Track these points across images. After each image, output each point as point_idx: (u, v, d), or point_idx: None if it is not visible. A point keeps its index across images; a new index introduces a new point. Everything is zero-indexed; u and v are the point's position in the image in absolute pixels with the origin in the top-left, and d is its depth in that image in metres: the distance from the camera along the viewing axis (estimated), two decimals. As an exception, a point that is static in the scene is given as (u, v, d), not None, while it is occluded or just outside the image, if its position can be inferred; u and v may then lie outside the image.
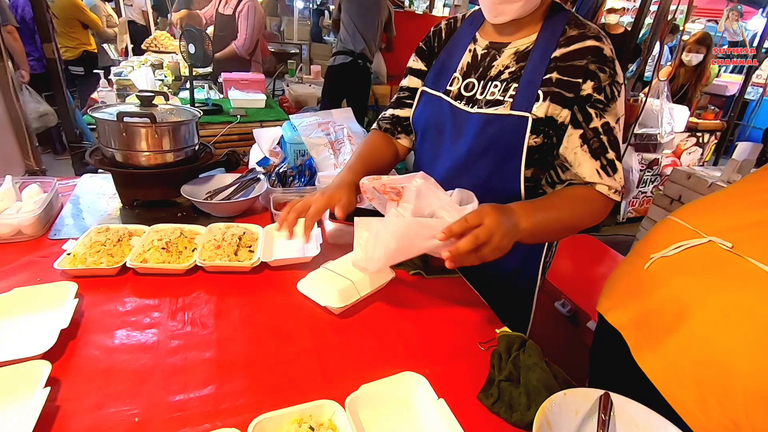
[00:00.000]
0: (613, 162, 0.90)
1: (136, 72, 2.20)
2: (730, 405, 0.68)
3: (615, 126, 0.90)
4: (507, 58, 0.97)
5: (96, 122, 1.17)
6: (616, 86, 0.89)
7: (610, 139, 0.89)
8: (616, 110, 0.90)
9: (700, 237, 0.83)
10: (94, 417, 0.63)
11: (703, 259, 0.81)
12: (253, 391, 0.70)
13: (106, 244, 0.98)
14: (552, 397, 0.64)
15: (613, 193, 0.91)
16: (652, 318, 0.83)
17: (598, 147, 0.89)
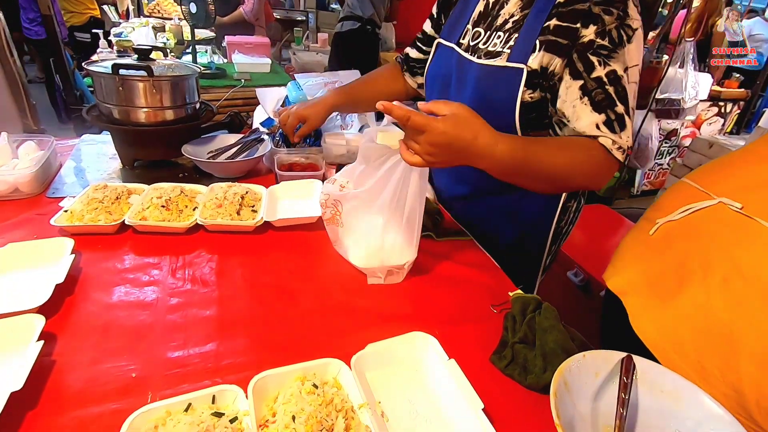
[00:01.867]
0: (622, 117, 0.78)
1: (137, 32, 2.13)
2: (731, 373, 0.65)
3: (624, 75, 0.78)
4: (513, 6, 0.90)
5: (92, 76, 1.12)
6: (626, 29, 0.78)
7: (617, 90, 0.77)
8: (626, 57, 0.78)
9: (709, 198, 0.78)
10: (90, 371, 0.61)
11: (711, 221, 0.76)
12: (256, 349, 0.67)
13: (104, 201, 0.94)
14: (571, 359, 0.60)
15: (617, 150, 0.79)
16: (653, 284, 0.79)
17: (603, 99, 0.78)
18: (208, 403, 0.55)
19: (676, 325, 0.74)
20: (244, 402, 0.55)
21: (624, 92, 0.78)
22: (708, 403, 0.57)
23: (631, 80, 0.79)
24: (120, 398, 0.57)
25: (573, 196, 1.05)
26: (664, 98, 2.30)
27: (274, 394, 0.57)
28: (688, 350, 0.71)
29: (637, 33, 0.79)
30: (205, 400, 0.55)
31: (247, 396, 0.55)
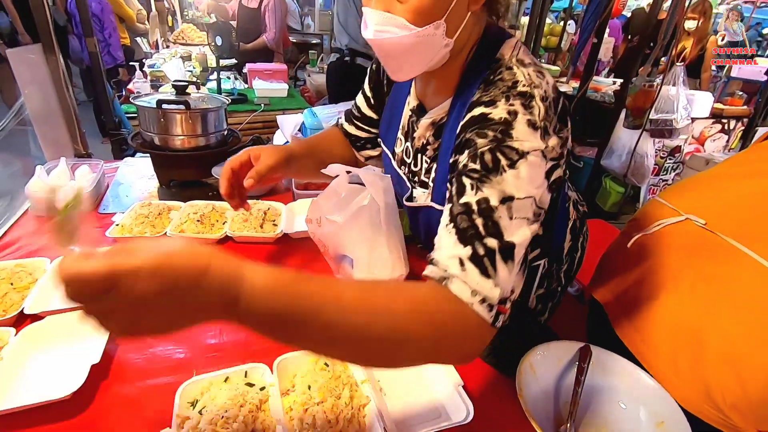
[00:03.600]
0: (493, 254, 0.56)
1: (168, 64, 2.35)
2: (700, 370, 0.74)
3: (498, 207, 0.58)
4: (425, 130, 0.79)
5: (137, 109, 1.30)
6: (506, 153, 0.59)
7: (487, 224, 0.57)
8: (503, 186, 0.58)
9: (678, 215, 0.89)
10: (147, 354, 0.76)
11: (679, 235, 0.87)
12: (278, 338, 0.81)
13: (149, 216, 1.10)
14: (536, 347, 0.73)
15: (479, 303, 0.54)
16: (631, 292, 0.90)
17: (468, 228, 0.58)
18: (242, 376, 0.69)
19: (651, 328, 0.84)
20: (270, 377, 0.69)
21: (495, 228, 0.57)
22: (644, 379, 0.69)
23: (515, 215, 0.58)
24: (171, 373, 0.72)
25: (555, 260, 0.94)
26: (657, 119, 2.42)
27: (293, 372, 0.71)
28: (663, 350, 0.81)
29: (529, 159, 0.59)
30: (239, 374, 0.69)
31: (273, 372, 0.69)
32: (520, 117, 0.61)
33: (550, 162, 0.62)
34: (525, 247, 0.60)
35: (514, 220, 0.58)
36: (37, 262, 0.92)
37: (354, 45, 2.97)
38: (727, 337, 0.73)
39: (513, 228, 0.58)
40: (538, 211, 0.61)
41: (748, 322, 0.72)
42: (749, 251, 0.75)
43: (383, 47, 0.67)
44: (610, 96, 3.63)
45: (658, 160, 3.46)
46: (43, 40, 1.40)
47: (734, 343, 0.71)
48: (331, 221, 0.90)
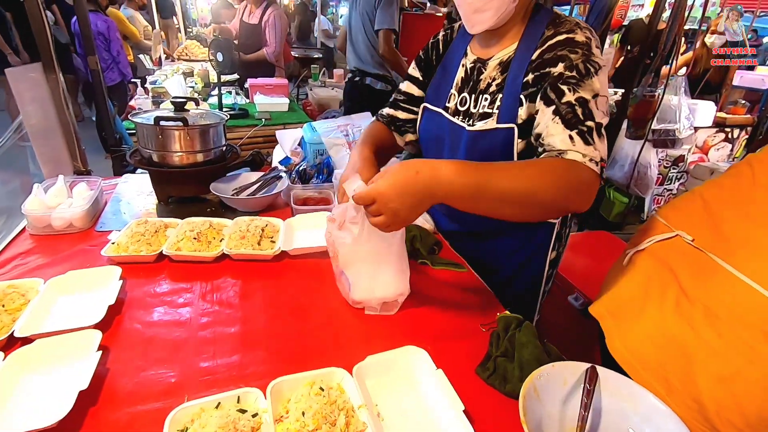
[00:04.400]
0: (592, 130, 0.82)
1: (170, 80, 2.37)
2: (692, 386, 0.73)
3: (591, 100, 0.83)
4: (493, 70, 0.99)
5: (135, 126, 1.30)
6: (592, 64, 0.85)
7: (585, 112, 0.82)
8: (593, 86, 0.84)
9: (669, 231, 0.88)
10: (137, 377, 0.73)
11: (669, 251, 0.86)
12: (274, 360, 0.79)
13: (146, 234, 1.09)
14: (541, 369, 0.70)
15: (589, 161, 0.79)
16: (623, 308, 0.89)
17: (572, 117, 0.83)
18: (234, 402, 0.67)
19: (640, 343, 0.82)
20: (263, 402, 0.66)
21: (591, 114, 0.83)
22: (653, 401, 0.66)
23: (600, 108, 0.84)
24: (162, 398, 0.69)
25: (563, 223, 1.12)
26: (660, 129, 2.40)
27: (287, 396, 0.69)
28: (652, 366, 0.79)
29: (603, 69, 0.86)
30: (232, 399, 0.67)
31: (266, 397, 0.66)
32: (593, 41, 0.89)
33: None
34: (605, 129, 0.84)
35: (599, 110, 0.84)
36: (30, 283, 0.90)
37: (362, 66, 3.05)
38: (714, 354, 0.72)
39: (600, 114, 0.84)
40: (608, 108, 0.87)
41: (732, 338, 0.71)
42: (731, 268, 0.74)
43: (469, 1, 0.91)
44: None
45: (661, 170, 3.44)
46: (43, 59, 1.41)
47: (723, 360, 0.71)
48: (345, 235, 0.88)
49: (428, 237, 1.18)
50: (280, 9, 3.59)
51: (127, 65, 4.24)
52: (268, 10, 3.43)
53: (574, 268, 1.88)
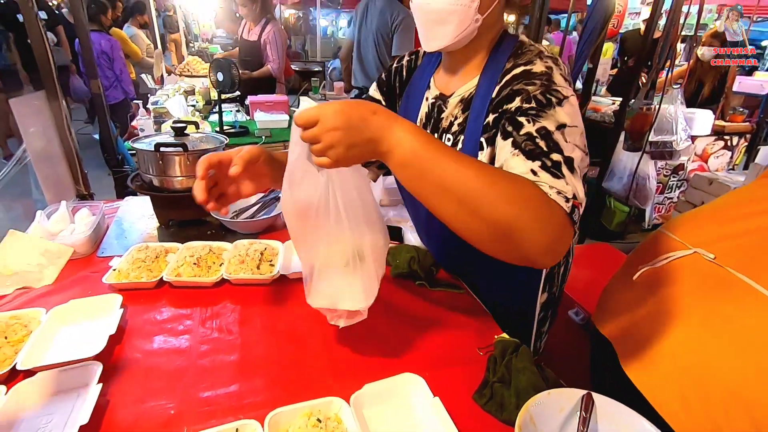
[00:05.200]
0: (559, 164, 0.68)
1: (171, 100, 2.41)
2: (711, 408, 0.72)
3: (556, 132, 0.70)
4: (454, 108, 0.92)
5: (136, 152, 1.32)
6: (553, 94, 0.74)
7: (549, 144, 0.69)
8: (557, 117, 0.71)
9: (686, 248, 0.87)
10: (137, 409, 0.74)
11: (688, 269, 0.85)
12: (272, 388, 0.79)
13: (146, 260, 1.10)
14: (536, 396, 0.71)
15: (557, 194, 0.64)
16: (639, 328, 0.88)
17: (533, 149, 0.70)
18: (233, 434, 0.67)
19: (660, 365, 0.81)
20: (261, 434, 0.67)
21: (557, 147, 0.69)
22: (647, 428, 0.66)
23: (569, 140, 0.70)
24: (162, 430, 0.70)
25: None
26: (657, 141, 2.42)
27: (285, 428, 0.69)
28: (671, 388, 0.78)
29: (569, 100, 0.75)
30: None
31: (264, 429, 0.67)
32: (555, 70, 0.78)
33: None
34: (579, 166, 0.70)
35: (568, 143, 0.71)
36: (32, 313, 0.92)
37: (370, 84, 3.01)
38: (737, 376, 0.71)
39: (570, 148, 0.70)
40: (584, 144, 0.73)
41: (758, 360, 0.70)
42: (760, 287, 0.73)
43: (427, 10, 0.82)
44: (609, 116, 3.64)
45: (661, 179, 3.45)
46: (46, 87, 1.44)
47: (745, 382, 0.69)
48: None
49: (426, 258, 1.18)
50: (279, 25, 3.65)
51: (130, 83, 4.30)
52: (267, 27, 3.48)
53: (574, 282, 1.87)
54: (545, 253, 0.64)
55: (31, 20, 1.36)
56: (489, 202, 0.61)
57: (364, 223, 0.76)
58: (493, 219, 0.61)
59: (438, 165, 0.62)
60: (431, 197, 0.65)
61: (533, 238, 0.62)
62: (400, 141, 0.63)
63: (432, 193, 0.64)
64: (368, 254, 0.77)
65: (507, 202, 0.61)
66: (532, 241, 0.62)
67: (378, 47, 2.92)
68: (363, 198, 0.75)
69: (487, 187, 0.61)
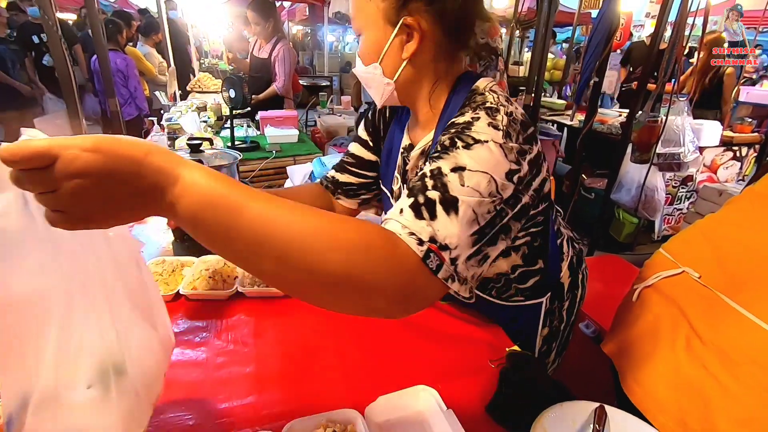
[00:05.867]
0: (433, 203, 0.59)
1: (185, 117, 2.47)
2: (711, 429, 0.72)
3: (449, 173, 0.62)
4: (417, 160, 0.89)
5: (154, 168, 1.36)
6: (462, 138, 0.66)
7: (435, 184, 0.62)
8: (458, 159, 0.64)
9: (676, 267, 0.89)
10: (156, 421, 0.76)
11: (676, 288, 0.87)
12: (287, 400, 0.81)
13: (163, 274, 1.13)
14: (549, 409, 0.71)
15: (409, 236, 0.56)
16: (635, 346, 0.89)
17: (416, 185, 0.63)
18: (250, 445, 0.69)
19: (654, 384, 0.82)
20: (278, 445, 0.68)
21: (443, 186, 0.61)
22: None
23: (467, 183, 0.62)
24: (181, 442, 0.72)
25: (556, 297, 1.00)
26: (665, 153, 2.43)
27: (302, 439, 0.71)
28: (668, 407, 0.79)
29: (486, 145, 0.65)
30: (248, 443, 0.69)
31: (281, 440, 0.68)
32: (482, 119, 0.69)
33: (512, 163, 0.67)
34: (474, 211, 0.61)
35: (465, 187, 0.61)
36: (54, 326, 0.94)
37: None
38: (732, 399, 0.71)
39: (461, 190, 0.61)
40: (497, 196, 0.64)
41: (748, 381, 0.70)
42: (740, 308, 0.74)
43: (357, 77, 0.85)
44: (617, 128, 3.65)
45: (670, 190, 3.44)
46: (68, 106, 1.49)
47: (742, 405, 0.70)
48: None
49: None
50: (289, 44, 3.73)
51: (144, 100, 4.41)
52: (278, 45, 3.57)
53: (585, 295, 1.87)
54: (393, 302, 0.55)
55: (54, 42, 1.42)
56: (316, 252, 0.49)
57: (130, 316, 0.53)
58: (323, 271, 0.50)
59: (247, 212, 0.47)
60: (241, 256, 0.50)
61: (372, 287, 0.53)
62: (192, 187, 0.46)
63: (241, 250, 0.49)
64: (133, 365, 0.52)
65: (337, 250, 0.50)
66: (372, 290, 0.53)
67: None
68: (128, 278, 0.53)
69: (312, 235, 0.50)
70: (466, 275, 0.61)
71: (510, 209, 0.67)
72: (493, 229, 0.64)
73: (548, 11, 2.57)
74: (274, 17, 3.58)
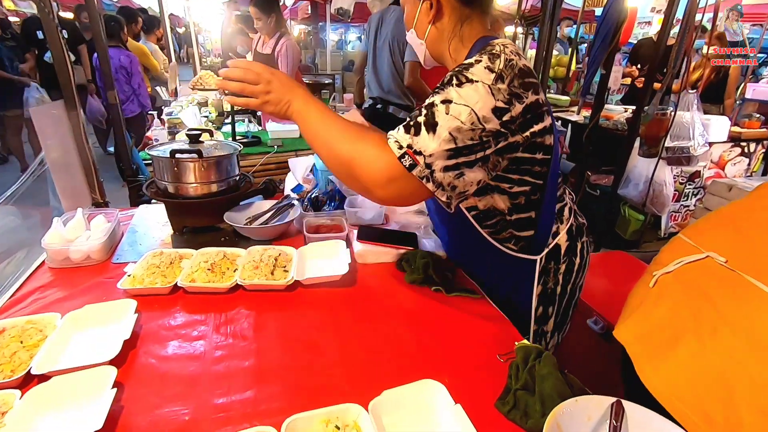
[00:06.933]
0: (419, 124, 0.82)
1: (185, 111, 2.44)
2: (734, 420, 0.68)
3: (439, 104, 0.82)
4: None
5: (152, 159, 1.33)
6: (460, 77, 0.83)
7: (426, 113, 0.82)
8: (448, 94, 0.82)
9: (699, 252, 0.85)
10: (151, 415, 0.73)
11: (701, 274, 0.83)
12: (288, 395, 0.77)
13: (161, 266, 1.10)
14: (563, 404, 0.68)
15: (393, 143, 0.83)
16: (653, 334, 0.85)
17: (415, 113, 0.85)
18: (248, 441, 0.65)
19: (675, 373, 0.79)
20: (277, 441, 0.65)
21: (431, 114, 0.82)
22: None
23: (450, 112, 0.80)
24: (176, 437, 0.68)
25: (553, 257, 1.07)
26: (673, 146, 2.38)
27: (303, 435, 0.67)
28: (689, 397, 0.75)
29: (475, 85, 0.81)
30: (246, 439, 0.65)
31: (281, 436, 0.65)
32: (482, 63, 0.84)
33: (500, 102, 0.82)
34: (451, 134, 0.81)
35: (449, 115, 0.81)
36: (47, 318, 0.91)
37: (385, 96, 3.06)
38: (759, 387, 0.68)
39: (444, 118, 0.81)
40: (479, 126, 0.81)
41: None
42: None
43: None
44: (622, 123, 3.60)
45: (677, 186, 3.38)
46: (65, 96, 1.46)
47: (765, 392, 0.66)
48: None
49: (441, 263, 1.16)
50: (292, 39, 3.69)
51: (147, 97, 4.38)
52: (281, 41, 3.53)
53: (592, 290, 1.83)
54: (377, 186, 0.86)
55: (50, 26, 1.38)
56: (337, 142, 0.88)
57: None
58: (339, 154, 0.88)
59: (313, 121, 0.91)
60: (311, 142, 0.93)
61: (365, 172, 0.86)
62: (295, 104, 0.91)
63: (310, 141, 0.93)
64: None
65: (349, 142, 0.87)
66: (365, 173, 0.86)
67: (393, 55, 2.94)
68: None
69: (339, 133, 0.89)
70: (442, 181, 0.84)
71: (493, 141, 0.83)
72: (471, 152, 0.83)
73: (553, 6, 2.53)
74: (276, 12, 3.53)
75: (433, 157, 0.81)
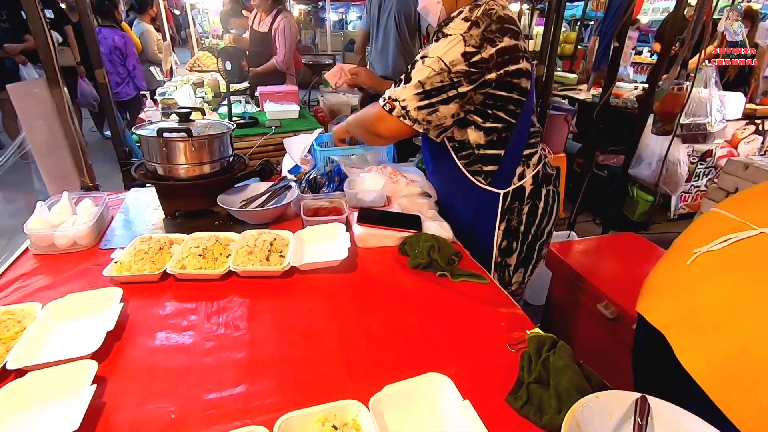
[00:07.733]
0: (401, 81, 1.11)
1: (179, 91, 2.35)
2: None
3: (419, 60, 1.07)
4: None
5: (140, 139, 1.26)
6: (438, 34, 1.07)
7: (408, 69, 1.10)
8: (427, 50, 1.07)
9: (749, 229, 0.77)
10: (135, 413, 0.67)
11: (754, 253, 0.75)
12: (282, 390, 0.72)
13: (149, 252, 1.04)
14: (583, 400, 0.62)
15: (381, 100, 1.14)
16: (698, 316, 0.77)
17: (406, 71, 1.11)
18: (238, 442, 0.60)
19: (726, 358, 0.71)
20: (270, 442, 0.59)
21: (410, 68, 1.09)
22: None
23: (426, 63, 1.06)
24: (161, 437, 0.63)
25: (517, 197, 1.23)
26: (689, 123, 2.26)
27: (297, 435, 0.62)
28: (741, 385, 0.69)
29: (448, 38, 1.04)
30: (236, 440, 0.60)
31: (273, 436, 0.59)
32: (462, 14, 1.06)
33: (471, 47, 1.03)
34: (420, 81, 1.07)
35: (424, 66, 1.06)
36: (27, 308, 0.86)
37: (392, 75, 2.91)
38: None
39: (420, 70, 1.07)
40: (446, 69, 1.04)
41: None
42: None
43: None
44: (632, 101, 3.48)
45: (688, 166, 3.28)
46: (48, 74, 1.38)
47: None
48: None
49: (446, 247, 1.10)
50: (290, 16, 3.56)
51: (143, 79, 4.26)
52: (278, 18, 3.41)
53: (602, 273, 1.77)
54: (374, 125, 1.20)
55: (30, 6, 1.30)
56: (365, 122, 1.24)
57: None
58: (367, 128, 1.24)
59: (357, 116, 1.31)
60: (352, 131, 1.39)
61: (368, 119, 1.22)
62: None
63: (353, 129, 1.38)
64: None
65: (364, 110, 1.26)
66: (368, 120, 1.22)
67: (399, 30, 2.79)
68: None
69: (365, 115, 1.25)
70: (417, 117, 1.10)
71: (465, 80, 1.05)
72: (442, 92, 1.06)
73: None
74: (272, -13, 3.40)
75: (406, 101, 1.09)
